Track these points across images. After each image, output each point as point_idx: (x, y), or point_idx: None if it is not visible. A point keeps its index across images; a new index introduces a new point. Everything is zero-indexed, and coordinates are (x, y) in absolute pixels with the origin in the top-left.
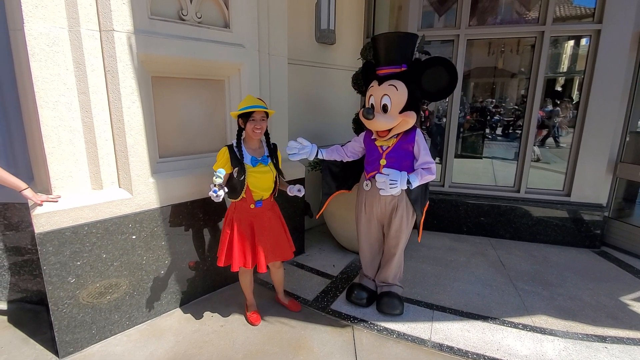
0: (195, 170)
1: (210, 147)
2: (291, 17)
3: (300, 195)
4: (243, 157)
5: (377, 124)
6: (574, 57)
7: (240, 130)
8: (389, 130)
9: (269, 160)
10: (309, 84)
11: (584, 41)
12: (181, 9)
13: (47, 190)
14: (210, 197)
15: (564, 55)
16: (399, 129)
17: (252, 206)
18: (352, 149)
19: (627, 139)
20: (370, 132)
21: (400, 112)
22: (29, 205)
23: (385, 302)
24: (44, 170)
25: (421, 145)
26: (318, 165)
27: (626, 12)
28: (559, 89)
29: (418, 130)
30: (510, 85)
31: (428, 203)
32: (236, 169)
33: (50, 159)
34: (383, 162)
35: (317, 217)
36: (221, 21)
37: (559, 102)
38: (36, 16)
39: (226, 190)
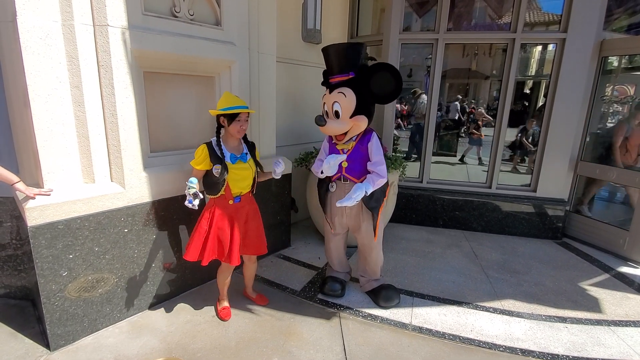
0: (186, 165)
1: (200, 142)
2: (279, 16)
3: (280, 166)
4: (224, 156)
5: (330, 129)
6: (541, 62)
7: (219, 128)
8: (345, 134)
9: (248, 157)
10: (295, 82)
11: (550, 46)
12: (174, 6)
13: (37, 183)
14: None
15: (533, 60)
16: (354, 132)
17: (231, 202)
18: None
19: (587, 139)
20: (330, 136)
21: (351, 117)
22: (20, 198)
23: (383, 296)
24: (35, 164)
25: (374, 146)
26: (304, 161)
27: (589, 24)
28: (527, 91)
29: (374, 133)
30: (483, 87)
31: (384, 203)
32: (217, 168)
33: (42, 152)
34: (345, 164)
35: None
36: (213, 19)
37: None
38: (29, 8)
39: (202, 197)
